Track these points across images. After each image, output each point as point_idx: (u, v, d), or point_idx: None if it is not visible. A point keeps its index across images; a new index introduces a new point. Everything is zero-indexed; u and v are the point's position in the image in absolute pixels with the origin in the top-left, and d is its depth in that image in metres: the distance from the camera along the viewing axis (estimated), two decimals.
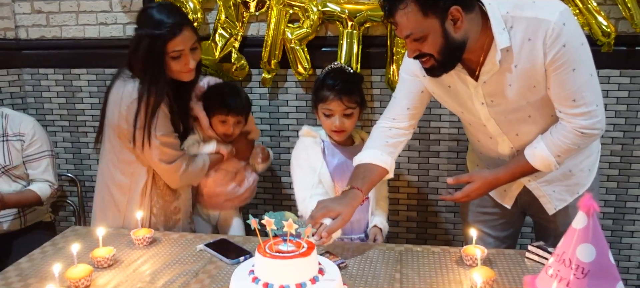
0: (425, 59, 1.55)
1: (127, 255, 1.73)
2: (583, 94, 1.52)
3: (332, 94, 1.97)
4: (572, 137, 1.57)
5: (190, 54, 1.88)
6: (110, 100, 1.90)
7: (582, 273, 1.30)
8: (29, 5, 2.71)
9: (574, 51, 1.48)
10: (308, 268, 1.35)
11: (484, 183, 1.72)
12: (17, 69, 2.79)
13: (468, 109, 1.72)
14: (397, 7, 1.49)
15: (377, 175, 1.77)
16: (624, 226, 2.51)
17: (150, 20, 1.83)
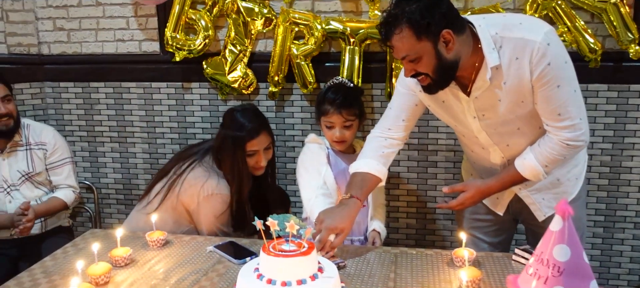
0: (421, 78, 1.66)
1: (142, 255, 1.87)
2: (568, 109, 1.62)
3: (333, 107, 2.10)
4: (558, 148, 1.68)
5: (264, 153, 2.14)
6: (189, 178, 2.13)
7: (558, 272, 1.41)
8: (51, 23, 2.89)
9: (558, 69, 1.58)
10: (308, 266, 1.48)
11: (477, 192, 1.83)
12: (39, 82, 2.96)
13: (461, 122, 1.83)
14: (392, 32, 1.60)
15: (372, 183, 1.89)
16: (614, 234, 2.61)
17: (234, 122, 2.12)
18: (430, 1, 1.57)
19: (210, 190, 2.10)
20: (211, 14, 2.65)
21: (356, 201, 1.81)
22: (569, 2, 2.34)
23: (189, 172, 2.15)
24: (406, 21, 1.56)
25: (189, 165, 2.17)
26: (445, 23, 1.56)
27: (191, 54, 2.67)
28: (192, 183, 2.12)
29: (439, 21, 1.55)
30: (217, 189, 2.11)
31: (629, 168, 2.53)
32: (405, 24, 1.56)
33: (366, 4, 2.53)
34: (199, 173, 2.13)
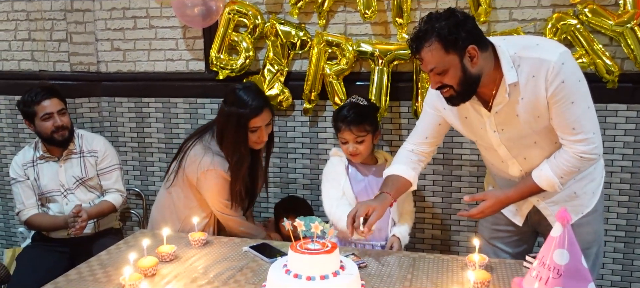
0: (446, 90, 1.79)
1: (185, 252, 2.08)
2: (581, 123, 1.74)
3: (344, 124, 2.30)
4: (573, 160, 1.80)
5: (265, 129, 2.28)
6: (191, 154, 2.32)
7: (558, 274, 1.53)
8: (109, 44, 3.19)
9: (572, 86, 1.71)
10: (331, 263, 1.65)
11: (496, 202, 1.95)
12: (96, 97, 3.26)
13: (481, 137, 1.97)
14: (423, 45, 1.74)
15: (402, 185, 2.05)
16: (635, 249, 2.67)
17: (238, 100, 2.24)
18: (458, 19, 1.72)
19: (206, 166, 2.26)
20: (252, 37, 2.88)
21: (387, 195, 1.97)
22: (587, 27, 2.45)
23: (191, 149, 2.32)
24: (436, 36, 1.71)
25: (191, 143, 2.34)
26: (471, 40, 1.71)
27: (233, 72, 2.90)
28: (192, 160, 2.30)
29: (465, 38, 1.70)
30: (212, 165, 2.25)
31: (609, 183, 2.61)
32: (435, 38, 1.71)
33: (395, 28, 2.71)
34: (198, 149, 2.30)
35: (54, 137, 2.61)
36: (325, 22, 2.80)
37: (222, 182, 2.29)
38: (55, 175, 2.69)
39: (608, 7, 2.45)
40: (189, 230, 2.31)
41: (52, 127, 2.59)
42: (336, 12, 2.81)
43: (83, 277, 1.91)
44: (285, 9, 2.86)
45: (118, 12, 3.13)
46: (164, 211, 2.43)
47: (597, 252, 2.07)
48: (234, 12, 2.87)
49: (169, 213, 2.41)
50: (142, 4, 3.09)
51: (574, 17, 2.46)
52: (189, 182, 2.35)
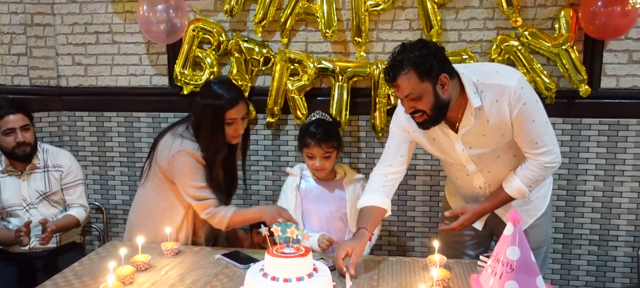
0: (418, 115, 1.92)
1: (159, 262, 2.14)
2: (543, 138, 1.94)
3: (314, 141, 2.37)
4: (538, 170, 1.99)
5: (241, 122, 2.27)
6: (161, 144, 2.30)
7: (510, 268, 1.71)
8: (70, 59, 3.20)
9: (531, 107, 1.91)
10: (305, 266, 1.78)
11: (474, 213, 2.09)
12: (56, 111, 3.25)
13: (450, 155, 2.11)
14: (399, 73, 1.86)
15: (377, 214, 2.14)
16: (572, 249, 2.94)
17: (213, 93, 2.22)
18: (430, 49, 1.87)
19: (176, 148, 2.22)
20: (216, 53, 2.98)
21: (364, 231, 2.06)
22: (528, 48, 2.71)
23: (160, 139, 2.32)
24: (412, 65, 1.84)
25: (161, 135, 2.34)
26: (442, 68, 1.86)
27: (198, 87, 2.98)
28: (163, 148, 2.27)
29: (437, 66, 1.85)
30: (182, 146, 2.22)
31: (583, 191, 2.88)
32: (410, 67, 1.84)
33: (353, 46, 2.88)
34: (168, 138, 2.29)
35: (15, 152, 2.61)
36: (287, 41, 2.94)
37: (193, 162, 2.24)
38: (18, 190, 2.68)
39: (545, 30, 2.73)
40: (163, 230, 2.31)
41: (13, 143, 2.59)
42: (298, 31, 2.96)
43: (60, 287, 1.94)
44: (249, 27, 2.99)
45: (80, 27, 3.16)
46: (140, 212, 2.42)
47: (546, 250, 2.29)
48: (199, 29, 2.96)
49: (144, 213, 2.39)
50: (105, 19, 3.13)
51: (516, 39, 2.71)
52: (163, 173, 2.30)
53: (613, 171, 2.84)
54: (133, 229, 2.41)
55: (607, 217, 2.90)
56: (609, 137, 2.82)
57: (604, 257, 2.94)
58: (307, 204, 2.46)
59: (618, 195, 2.87)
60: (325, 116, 2.48)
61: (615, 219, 2.89)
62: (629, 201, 2.86)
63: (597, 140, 2.83)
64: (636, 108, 2.77)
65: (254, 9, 2.91)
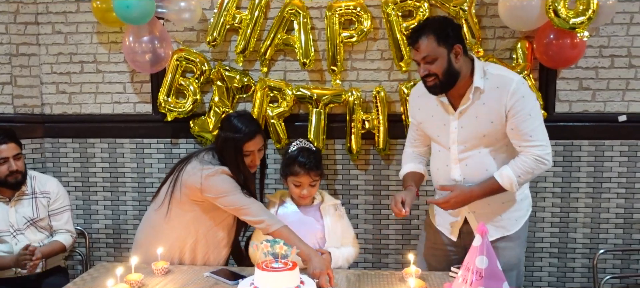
0: (431, 78, 2.16)
1: (150, 280, 2.24)
2: (537, 132, 2.14)
3: (303, 170, 2.41)
4: (529, 162, 2.14)
5: (258, 153, 2.44)
6: (188, 169, 2.40)
7: (480, 276, 1.89)
8: (54, 87, 3.30)
9: (530, 102, 2.13)
10: (293, 280, 1.94)
11: (461, 194, 2.21)
12: (40, 138, 3.33)
13: (443, 133, 2.29)
14: (421, 35, 2.14)
15: (418, 177, 2.46)
16: (534, 262, 3.17)
17: (232, 126, 2.40)
18: (449, 21, 2.20)
19: (209, 171, 2.34)
20: (199, 81, 3.13)
21: (412, 187, 2.36)
22: None
23: (187, 165, 2.42)
24: (431, 30, 2.13)
25: (187, 161, 2.45)
26: (458, 39, 2.15)
27: (181, 114, 3.12)
28: (192, 172, 2.37)
29: (453, 36, 2.14)
30: (215, 168, 2.35)
31: (543, 207, 3.13)
32: (431, 31, 2.12)
33: (329, 75, 3.07)
34: (195, 163, 2.40)
35: (7, 180, 2.67)
36: (267, 69, 3.11)
37: (229, 179, 2.36)
38: (6, 216, 2.74)
39: (504, 60, 2.98)
40: (176, 249, 2.44)
41: (6, 171, 2.66)
42: (277, 60, 3.14)
43: None
44: (230, 57, 3.15)
45: (65, 57, 3.26)
46: (149, 231, 2.51)
47: (517, 275, 2.41)
48: (182, 59, 3.11)
49: (154, 233, 2.48)
50: (89, 49, 3.25)
51: None
52: (190, 194, 2.39)
53: (569, 188, 3.10)
54: (140, 248, 2.50)
55: (565, 230, 3.14)
56: (564, 157, 3.07)
57: (564, 268, 3.17)
58: None
59: (574, 210, 3.11)
60: (309, 144, 2.55)
61: (572, 233, 3.13)
62: (584, 216, 3.11)
63: (553, 160, 3.06)
64: (587, 130, 3.04)
65: (236, 40, 3.08)
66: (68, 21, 3.25)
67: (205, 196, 2.37)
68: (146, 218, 2.58)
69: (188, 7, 3.01)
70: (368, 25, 2.98)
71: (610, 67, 2.99)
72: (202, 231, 2.47)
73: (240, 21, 3.05)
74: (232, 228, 2.55)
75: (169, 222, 2.46)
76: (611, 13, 2.81)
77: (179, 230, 2.47)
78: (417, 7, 2.93)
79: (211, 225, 2.47)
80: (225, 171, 2.38)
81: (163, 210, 2.46)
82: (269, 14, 3.09)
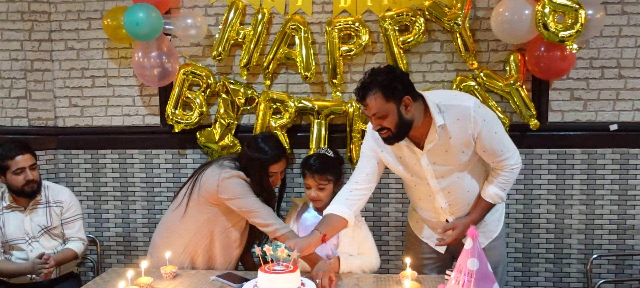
0: (384, 132, 2.16)
1: (159, 284, 2.37)
2: (505, 145, 2.26)
3: (309, 172, 2.59)
4: (507, 174, 2.29)
5: (280, 174, 2.62)
6: (207, 172, 2.55)
7: (471, 277, 1.99)
8: (67, 101, 3.44)
9: (490, 121, 2.21)
10: (294, 281, 2.06)
11: (464, 226, 2.32)
12: (53, 149, 3.47)
13: (416, 172, 2.33)
14: (367, 93, 2.13)
15: (337, 221, 2.34)
16: (531, 267, 3.26)
17: (259, 148, 2.55)
18: (395, 74, 2.16)
19: (226, 174, 2.49)
20: (205, 94, 3.26)
21: (316, 232, 2.29)
22: (483, 87, 3.07)
23: (206, 169, 2.58)
24: (378, 86, 2.10)
25: (207, 166, 2.61)
26: (406, 91, 2.13)
27: (188, 126, 3.25)
28: (210, 175, 2.53)
29: (401, 89, 2.12)
30: (231, 172, 2.49)
31: (538, 214, 3.22)
32: (378, 88, 2.10)
33: (330, 87, 3.20)
34: (214, 167, 2.56)
35: (24, 189, 2.81)
36: (270, 83, 3.24)
37: (244, 183, 2.50)
38: (21, 224, 2.87)
39: (498, 71, 3.10)
40: (191, 250, 2.58)
41: (23, 181, 2.79)
42: (279, 73, 3.27)
43: None
44: (234, 71, 3.29)
45: (77, 72, 3.41)
46: (166, 233, 2.63)
47: (502, 269, 2.56)
48: (189, 73, 3.25)
49: (171, 233, 2.60)
50: (100, 65, 3.39)
51: (473, 80, 3.07)
52: (207, 196, 2.52)
53: (563, 195, 3.19)
54: (156, 249, 2.63)
55: (560, 236, 3.23)
56: (557, 165, 3.17)
57: (559, 273, 3.26)
58: (303, 231, 2.61)
59: (568, 217, 3.21)
60: (328, 152, 2.70)
61: (567, 238, 3.23)
62: (578, 222, 3.20)
63: (547, 168, 3.18)
64: (580, 139, 3.14)
65: (239, 55, 3.22)
66: (80, 38, 3.40)
67: (221, 198, 2.50)
68: (163, 220, 2.72)
69: (194, 24, 3.15)
70: (366, 39, 3.10)
71: (600, 77, 3.09)
72: (217, 231, 2.59)
73: (244, 36, 3.19)
74: (246, 229, 2.67)
75: (185, 222, 2.58)
76: (600, 26, 2.93)
77: (194, 231, 2.58)
78: (413, 21, 3.05)
79: (226, 226, 2.60)
80: (241, 175, 2.51)
81: (180, 211, 2.59)
82: (272, 30, 3.22)
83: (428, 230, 2.57)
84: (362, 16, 3.14)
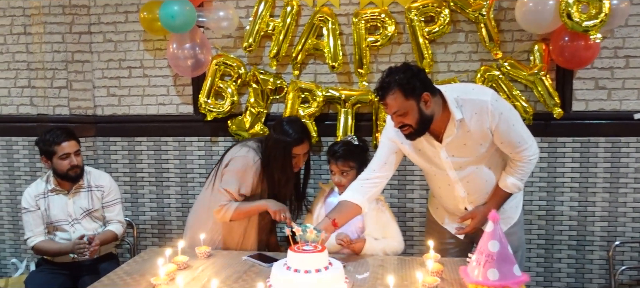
0: (405, 128, 2.22)
1: (194, 262, 2.50)
2: (523, 137, 2.29)
3: (333, 159, 2.70)
4: (524, 164, 2.33)
5: (302, 157, 2.71)
6: (231, 150, 2.73)
7: (492, 259, 2.06)
8: (106, 91, 3.61)
9: (507, 114, 2.25)
10: (322, 260, 2.15)
11: (482, 215, 2.40)
12: (92, 137, 3.65)
13: (435, 164, 2.40)
14: (387, 93, 2.17)
15: (350, 208, 2.42)
16: (553, 254, 3.32)
17: (283, 130, 2.65)
18: (413, 71, 2.19)
19: (241, 153, 2.67)
20: (236, 84, 3.39)
21: (327, 219, 2.39)
22: (507, 76, 3.12)
23: (232, 148, 2.77)
24: (397, 85, 2.15)
25: (232, 146, 2.78)
26: (425, 88, 2.17)
27: (219, 114, 3.39)
28: (231, 153, 2.73)
29: (420, 86, 2.16)
30: (246, 153, 2.66)
31: (561, 201, 3.27)
32: (396, 87, 2.14)
33: (356, 77, 3.29)
34: (238, 146, 2.75)
35: (68, 174, 2.97)
36: (298, 72, 3.35)
37: (244, 169, 2.65)
38: (64, 207, 3.04)
39: (522, 61, 3.15)
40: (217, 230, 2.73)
41: (68, 166, 2.95)
42: (308, 64, 3.37)
43: (114, 282, 2.30)
44: (264, 61, 3.40)
45: (115, 63, 3.57)
46: (199, 212, 2.79)
47: (521, 255, 2.62)
48: (221, 63, 3.38)
49: (202, 213, 2.75)
50: (137, 56, 3.55)
51: (497, 69, 3.13)
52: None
53: (586, 183, 3.23)
54: (191, 230, 2.79)
55: (583, 224, 3.27)
56: (581, 153, 3.21)
57: (582, 260, 3.31)
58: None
59: (591, 205, 3.25)
60: (354, 139, 2.79)
61: (590, 226, 3.27)
62: (601, 210, 3.24)
63: (571, 157, 3.22)
64: (604, 128, 3.17)
65: (269, 46, 3.33)
66: (118, 30, 3.56)
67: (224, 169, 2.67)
68: (195, 202, 2.88)
69: (226, 16, 3.27)
70: (392, 30, 3.19)
71: (625, 67, 3.12)
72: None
73: (274, 28, 3.30)
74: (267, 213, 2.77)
75: (211, 203, 2.71)
76: (625, 15, 2.95)
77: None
78: (439, 12, 3.12)
79: None
80: (250, 165, 2.63)
81: (208, 192, 2.74)
82: (300, 21, 3.33)
83: (447, 217, 2.64)
84: (388, 8, 3.22)
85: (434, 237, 2.64)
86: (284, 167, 2.66)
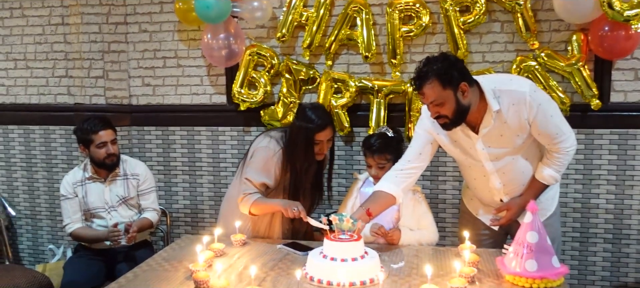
0: (442, 119, 2.21)
1: (230, 250, 2.53)
2: (561, 128, 2.26)
3: (369, 152, 2.67)
4: (562, 156, 2.30)
5: (326, 143, 2.65)
6: (255, 141, 2.75)
7: (530, 250, 2.04)
8: (140, 80, 3.67)
9: (546, 105, 2.23)
10: (358, 249, 2.16)
11: (517, 206, 2.40)
12: (127, 126, 3.71)
13: (471, 155, 2.38)
14: (424, 83, 2.16)
15: (384, 198, 2.42)
16: (589, 247, 3.27)
17: (306, 116, 2.61)
18: (451, 61, 2.18)
19: (263, 144, 2.67)
20: (269, 74, 3.41)
21: (361, 209, 2.39)
22: (544, 67, 3.08)
23: (256, 139, 2.76)
24: (435, 75, 2.13)
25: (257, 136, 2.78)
26: (462, 77, 2.16)
27: (252, 104, 3.41)
28: (255, 144, 2.72)
29: (457, 76, 2.15)
30: (268, 144, 2.65)
31: (597, 194, 3.22)
32: (434, 77, 2.14)
33: (389, 67, 3.28)
34: (261, 136, 2.74)
35: (105, 162, 3.04)
36: (331, 63, 3.36)
37: (265, 160, 2.64)
38: (101, 194, 3.11)
39: (559, 51, 3.10)
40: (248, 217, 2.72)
41: (105, 154, 3.01)
42: (340, 54, 3.38)
43: (153, 268, 2.34)
44: (297, 52, 3.42)
45: (149, 53, 3.63)
46: (230, 202, 2.80)
47: (557, 246, 2.58)
48: (254, 53, 3.40)
49: (235, 201, 2.75)
50: (171, 46, 3.59)
51: (533, 60, 3.09)
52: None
53: (624, 176, 3.17)
54: (223, 218, 2.83)
55: (620, 217, 3.22)
56: (619, 145, 3.15)
57: (618, 254, 3.25)
58: None
59: (629, 198, 3.19)
60: (389, 131, 2.75)
61: (627, 219, 3.21)
62: (638, 203, 3.18)
63: (608, 149, 3.17)
64: None
65: (302, 36, 3.34)
66: (153, 21, 3.61)
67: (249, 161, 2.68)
68: (228, 190, 2.91)
69: (260, 7, 3.29)
70: (427, 20, 3.17)
71: None
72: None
73: (307, 18, 3.31)
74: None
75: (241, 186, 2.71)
76: None
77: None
78: (474, 2, 3.09)
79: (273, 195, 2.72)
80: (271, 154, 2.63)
81: (238, 178, 2.75)
82: (334, 11, 3.33)
83: (482, 208, 2.63)
84: None
85: (468, 228, 2.62)
86: (307, 155, 2.63)
